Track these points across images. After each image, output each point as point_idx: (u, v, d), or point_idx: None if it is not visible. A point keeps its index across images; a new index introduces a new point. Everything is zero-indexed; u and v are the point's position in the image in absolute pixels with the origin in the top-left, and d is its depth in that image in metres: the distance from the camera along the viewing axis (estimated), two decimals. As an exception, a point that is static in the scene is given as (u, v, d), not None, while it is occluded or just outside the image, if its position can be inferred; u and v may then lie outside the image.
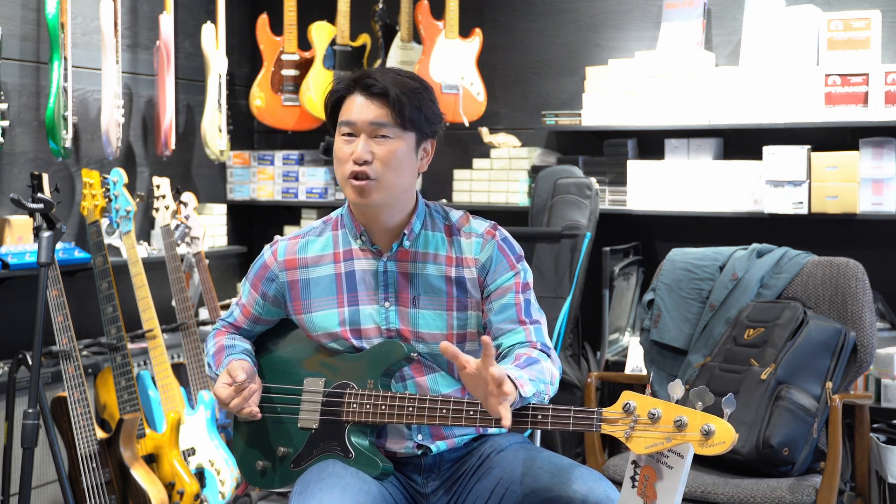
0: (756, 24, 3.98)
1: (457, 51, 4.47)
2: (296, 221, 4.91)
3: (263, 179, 4.88)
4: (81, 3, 3.98)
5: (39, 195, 3.15)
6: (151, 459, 3.45)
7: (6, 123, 3.53)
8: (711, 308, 3.38)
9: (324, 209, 4.81)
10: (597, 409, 1.95)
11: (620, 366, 3.99)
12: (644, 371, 3.62)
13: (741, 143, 4.12)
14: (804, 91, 3.83)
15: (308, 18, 4.66)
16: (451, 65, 4.46)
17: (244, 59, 5.00)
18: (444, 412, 2.05)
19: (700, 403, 1.86)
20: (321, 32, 4.62)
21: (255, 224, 5.09)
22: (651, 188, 4.10)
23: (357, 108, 2.12)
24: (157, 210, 3.95)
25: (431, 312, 2.17)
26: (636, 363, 3.89)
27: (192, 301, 4.10)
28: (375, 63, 4.61)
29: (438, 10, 4.49)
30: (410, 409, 2.08)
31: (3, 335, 3.64)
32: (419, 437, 2.18)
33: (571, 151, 4.46)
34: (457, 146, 4.67)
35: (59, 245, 3.55)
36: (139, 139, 4.39)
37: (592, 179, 4.11)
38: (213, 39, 4.49)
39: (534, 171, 4.33)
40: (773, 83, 3.88)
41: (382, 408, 2.11)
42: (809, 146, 3.85)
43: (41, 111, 3.84)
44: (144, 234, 4.38)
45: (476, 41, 4.49)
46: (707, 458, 2.69)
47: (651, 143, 4.27)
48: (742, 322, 3.24)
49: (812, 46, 3.90)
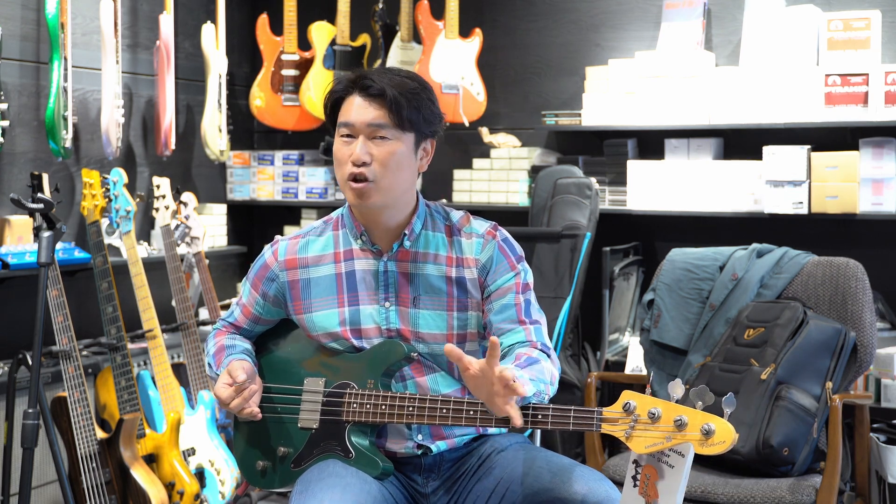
0: (756, 24, 3.98)
1: (457, 51, 4.47)
2: (296, 221, 4.91)
3: (263, 179, 4.88)
4: (81, 3, 3.98)
5: (39, 195, 3.15)
6: (151, 459, 3.45)
7: (6, 123, 3.53)
8: (711, 308, 3.38)
9: (324, 209, 4.81)
10: (597, 409, 1.94)
11: (620, 366, 3.99)
12: (644, 371, 3.62)
13: (741, 143, 4.12)
14: (804, 91, 3.83)
15: (308, 18, 4.66)
16: (451, 65, 4.46)
17: (244, 59, 5.00)
18: (445, 412, 2.05)
19: (700, 403, 1.86)
20: (321, 32, 4.62)
21: (255, 224, 5.09)
22: (651, 188, 4.10)
23: (355, 110, 2.12)
24: (157, 210, 3.95)
25: (432, 312, 2.17)
26: (636, 363, 3.89)
27: (192, 301, 4.10)
28: (375, 63, 4.61)
29: (438, 10, 4.49)
30: (410, 409, 2.08)
31: (3, 335, 3.64)
32: (419, 437, 2.18)
33: (571, 151, 4.46)
34: (457, 146, 4.67)
35: (59, 245, 3.55)
36: (139, 139, 4.39)
37: (592, 179, 4.11)
38: (213, 39, 4.49)
39: (534, 171, 4.33)
40: (773, 83, 3.88)
41: (382, 408, 2.11)
42: (809, 146, 3.85)
43: (41, 111, 3.84)
44: (144, 234, 4.38)
45: (476, 41, 4.49)
46: (707, 458, 2.68)
47: (651, 143, 4.27)
48: (742, 322, 3.24)
49: (812, 46, 3.90)
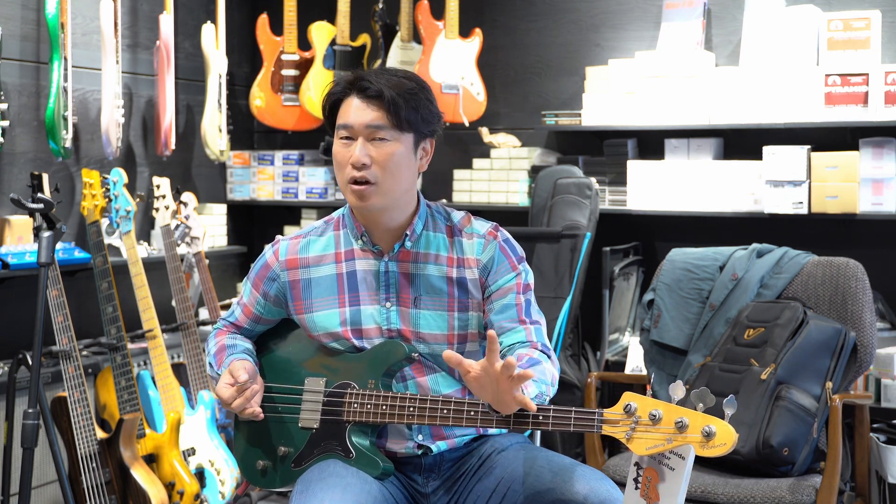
0: (756, 24, 3.98)
1: (457, 51, 4.47)
2: (296, 221, 4.91)
3: (263, 179, 4.88)
4: (81, 3, 3.98)
5: (39, 195, 3.15)
6: (151, 459, 3.45)
7: (6, 123, 3.53)
8: (711, 308, 3.38)
9: (324, 209, 4.81)
10: (598, 410, 1.94)
11: (620, 366, 3.99)
12: (644, 371, 3.62)
13: (741, 143, 4.12)
14: (804, 91, 3.83)
15: (308, 18, 4.66)
16: (451, 65, 4.46)
17: (244, 59, 5.00)
18: (445, 412, 2.05)
19: (701, 405, 1.86)
20: (321, 32, 4.62)
21: (255, 224, 5.09)
22: (651, 188, 4.10)
23: (353, 111, 2.12)
24: (157, 210, 3.94)
25: (432, 313, 2.17)
26: (636, 363, 3.89)
27: (192, 301, 4.10)
28: (375, 63, 4.60)
29: (438, 10, 4.49)
30: (411, 410, 2.08)
31: (3, 335, 3.64)
32: (420, 438, 2.18)
33: (571, 151, 4.46)
34: (457, 146, 4.67)
35: (59, 245, 3.55)
36: (139, 139, 4.39)
37: (592, 179, 4.11)
38: (213, 39, 4.48)
39: (534, 171, 4.33)
40: (773, 83, 3.88)
41: (383, 408, 2.11)
42: (809, 146, 3.85)
43: (41, 111, 3.83)
44: (144, 234, 4.38)
45: (476, 41, 4.49)
46: (707, 459, 2.69)
47: (651, 143, 4.27)
48: (742, 322, 3.24)
49: (812, 46, 3.90)
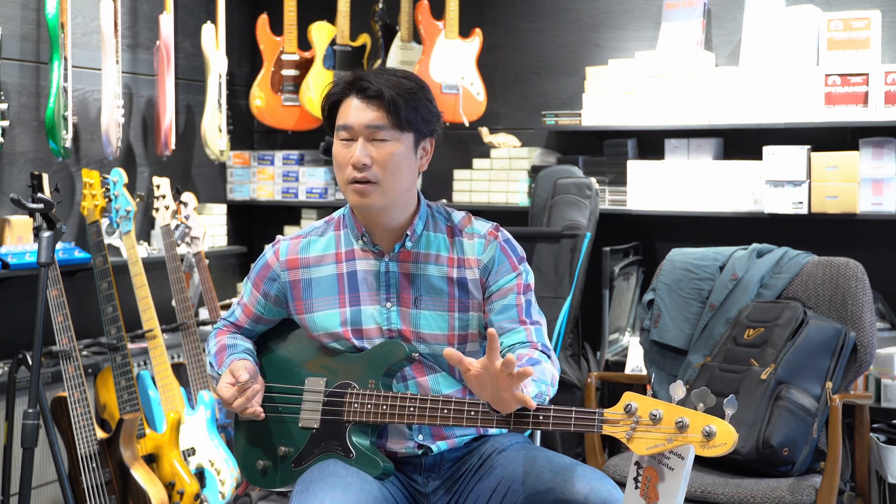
0: (756, 24, 3.98)
1: (457, 51, 4.47)
2: (296, 221, 4.91)
3: (263, 179, 4.88)
4: (81, 3, 3.98)
5: (39, 195, 3.14)
6: (151, 459, 3.44)
7: (6, 123, 3.53)
8: (711, 308, 3.38)
9: (324, 209, 4.81)
10: (598, 410, 1.94)
11: (620, 366, 3.99)
12: (644, 371, 3.62)
13: (741, 143, 4.12)
14: (804, 91, 3.83)
15: (308, 18, 4.66)
16: (451, 65, 4.46)
17: (244, 59, 5.00)
18: (446, 412, 2.05)
19: (701, 405, 1.86)
20: (321, 32, 4.62)
21: (255, 224, 5.09)
22: (651, 188, 4.10)
23: (353, 112, 2.12)
24: (157, 210, 3.94)
25: (433, 313, 2.17)
26: (636, 363, 3.89)
27: (192, 301, 4.10)
28: (375, 63, 4.60)
29: (438, 10, 4.49)
30: (411, 410, 2.08)
31: (3, 335, 3.64)
32: (420, 437, 2.18)
33: (571, 151, 4.46)
34: (457, 146, 4.67)
35: (59, 245, 3.55)
36: (139, 139, 4.39)
37: (592, 179, 4.11)
38: (213, 39, 4.48)
39: (534, 171, 4.33)
40: (773, 83, 3.88)
41: (383, 408, 2.11)
42: (809, 146, 3.85)
43: (41, 111, 3.83)
44: (144, 234, 4.38)
45: (476, 41, 4.49)
46: (707, 459, 2.69)
47: (651, 143, 4.27)
48: (742, 322, 3.24)
49: (812, 46, 3.90)
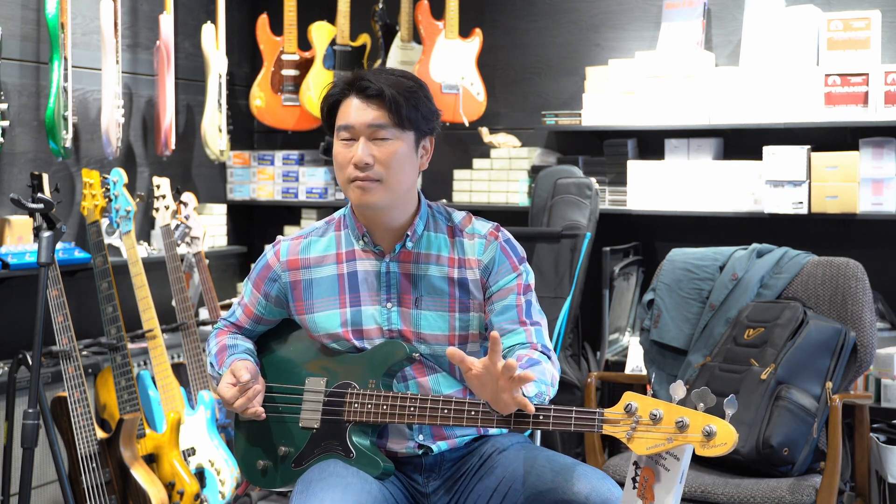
0: (756, 24, 3.98)
1: (457, 51, 4.47)
2: (296, 221, 4.91)
3: (263, 179, 4.88)
4: (81, 3, 3.98)
5: (39, 195, 3.14)
6: (151, 459, 3.45)
7: (6, 123, 3.53)
8: (711, 308, 3.38)
9: (324, 209, 4.81)
10: (598, 410, 1.95)
11: (620, 366, 3.99)
12: (644, 371, 3.62)
13: (741, 143, 4.12)
14: (804, 91, 3.83)
15: (308, 18, 4.66)
16: (451, 65, 4.46)
17: (244, 59, 5.00)
18: (446, 412, 2.05)
19: (702, 404, 1.86)
20: (321, 32, 4.62)
21: (255, 224, 5.09)
22: (651, 188, 4.10)
23: (354, 111, 2.12)
24: (157, 210, 3.94)
25: (433, 313, 2.17)
26: (636, 363, 3.89)
27: (192, 301, 4.10)
28: (375, 63, 4.60)
29: (438, 10, 4.49)
30: (412, 410, 2.08)
31: (3, 335, 3.64)
32: (420, 437, 2.18)
33: (571, 151, 4.46)
34: (457, 146, 4.67)
35: (59, 245, 3.55)
36: (139, 139, 4.39)
37: (592, 179, 4.11)
38: (213, 39, 4.48)
39: (534, 171, 4.33)
40: (773, 83, 3.88)
41: (384, 408, 2.11)
42: (809, 146, 3.85)
43: (41, 111, 3.83)
44: (144, 234, 4.38)
45: (476, 41, 4.49)
46: (707, 459, 2.69)
47: (651, 143, 4.27)
48: (742, 322, 3.24)
49: (812, 46, 3.90)
